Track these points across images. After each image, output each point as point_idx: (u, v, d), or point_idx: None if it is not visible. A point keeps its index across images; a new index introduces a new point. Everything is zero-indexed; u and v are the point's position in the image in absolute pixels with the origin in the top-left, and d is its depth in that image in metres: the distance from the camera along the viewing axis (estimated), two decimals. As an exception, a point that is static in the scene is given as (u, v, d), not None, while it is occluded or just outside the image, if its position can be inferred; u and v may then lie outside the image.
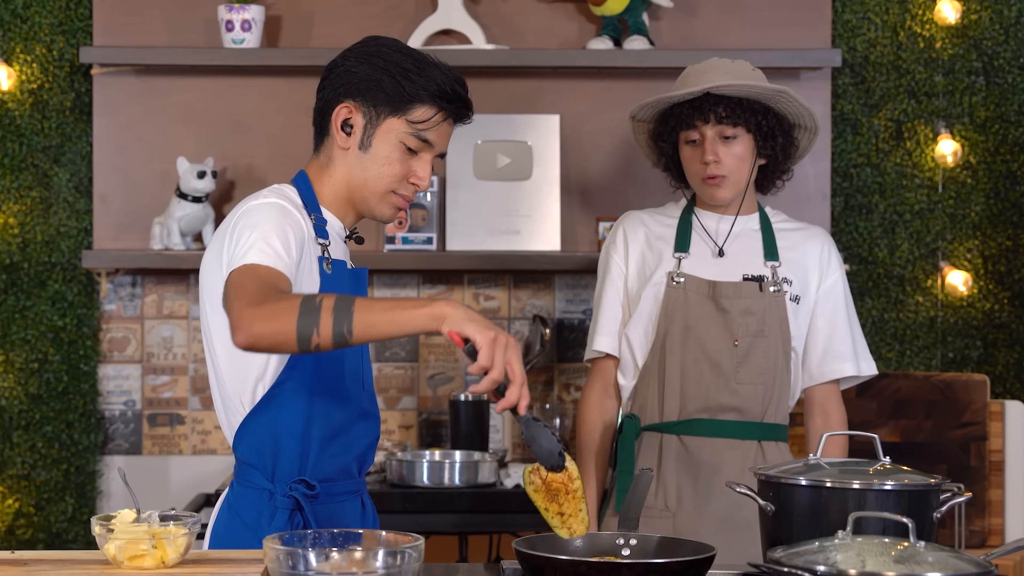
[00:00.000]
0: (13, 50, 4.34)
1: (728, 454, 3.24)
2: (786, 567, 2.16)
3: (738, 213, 3.34)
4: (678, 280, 3.28)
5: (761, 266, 3.31)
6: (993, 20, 4.41)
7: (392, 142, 2.67)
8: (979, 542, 4.16)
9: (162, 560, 2.33)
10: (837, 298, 3.35)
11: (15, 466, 4.35)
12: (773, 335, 3.26)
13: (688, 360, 3.26)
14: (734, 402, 3.24)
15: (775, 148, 3.32)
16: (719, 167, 3.26)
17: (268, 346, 2.38)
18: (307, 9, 4.36)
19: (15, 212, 4.35)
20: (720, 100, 3.26)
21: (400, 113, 2.66)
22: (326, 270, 2.66)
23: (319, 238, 2.68)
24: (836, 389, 3.38)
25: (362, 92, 2.67)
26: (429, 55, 2.72)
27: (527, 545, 2.39)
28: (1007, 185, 4.43)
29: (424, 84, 2.66)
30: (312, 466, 2.67)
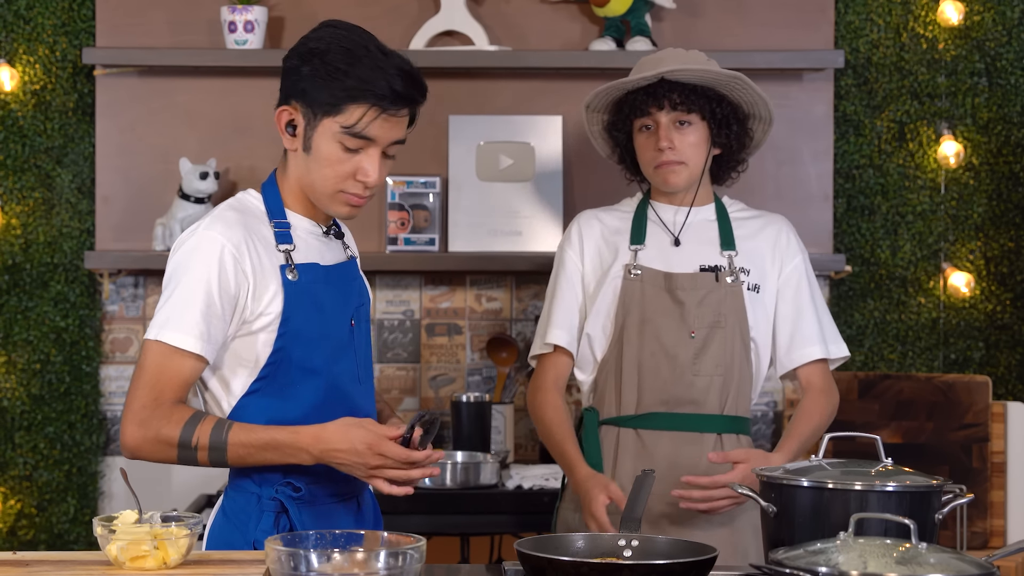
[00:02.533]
0: (16, 51, 4.35)
1: (686, 448, 3.21)
2: (788, 568, 2.16)
3: (692, 204, 3.32)
4: (635, 272, 3.26)
5: (717, 256, 3.28)
6: (996, 21, 4.41)
7: (330, 143, 2.67)
8: (981, 543, 4.16)
9: (164, 561, 2.33)
10: (799, 283, 3.32)
11: (17, 467, 4.35)
12: (730, 326, 3.23)
13: (645, 353, 3.23)
14: (691, 395, 3.22)
15: (729, 137, 3.30)
16: (673, 153, 3.24)
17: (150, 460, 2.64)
18: (310, 10, 4.36)
19: (17, 213, 4.35)
20: (675, 87, 3.24)
21: (332, 114, 2.66)
22: (289, 277, 2.66)
23: (280, 245, 2.69)
24: (821, 368, 3.31)
25: (301, 94, 2.69)
26: (372, 48, 2.69)
27: (529, 546, 2.39)
28: (1009, 186, 4.43)
29: (352, 85, 2.64)
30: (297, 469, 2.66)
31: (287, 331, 2.65)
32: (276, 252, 2.68)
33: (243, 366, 2.67)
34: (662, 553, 2.44)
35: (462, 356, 4.44)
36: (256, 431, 2.58)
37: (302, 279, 2.68)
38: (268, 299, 2.65)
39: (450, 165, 4.34)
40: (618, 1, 4.24)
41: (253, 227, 2.69)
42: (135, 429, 2.57)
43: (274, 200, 2.74)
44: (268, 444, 2.56)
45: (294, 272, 2.67)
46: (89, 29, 4.35)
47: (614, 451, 3.24)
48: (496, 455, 4.04)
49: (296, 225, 2.73)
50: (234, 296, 2.63)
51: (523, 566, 2.37)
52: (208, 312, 2.60)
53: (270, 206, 2.73)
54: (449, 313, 4.44)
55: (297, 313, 2.66)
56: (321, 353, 2.68)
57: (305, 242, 2.73)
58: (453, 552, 4.10)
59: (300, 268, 2.68)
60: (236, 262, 2.63)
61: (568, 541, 2.50)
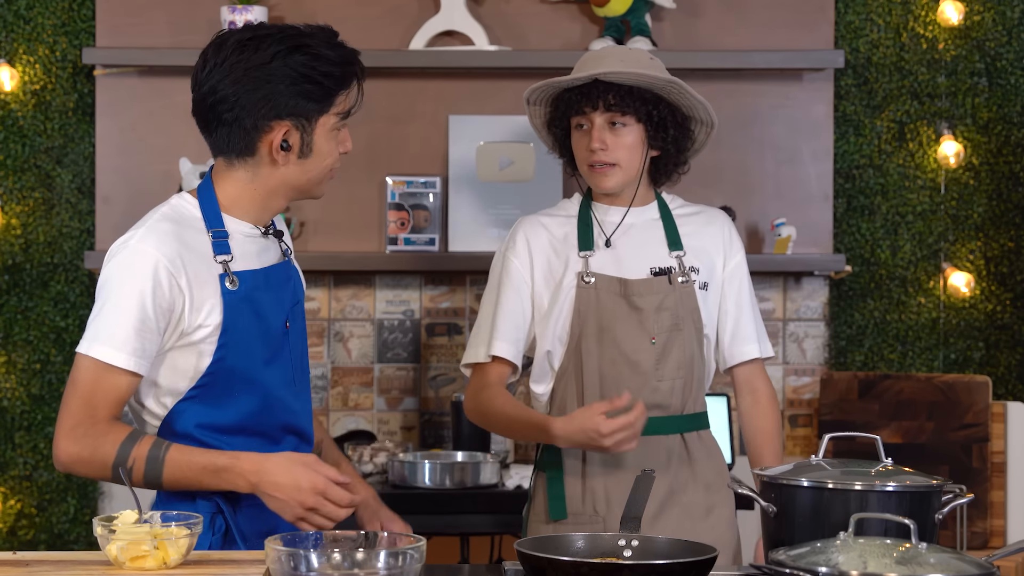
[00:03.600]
0: (16, 51, 4.35)
1: (652, 451, 3.18)
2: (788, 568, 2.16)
3: (632, 204, 3.27)
4: (588, 280, 3.21)
5: (666, 257, 3.24)
6: (996, 21, 4.41)
7: (328, 136, 2.70)
8: (981, 543, 4.16)
9: (164, 561, 2.33)
10: (741, 280, 3.29)
11: (17, 467, 4.36)
12: (687, 327, 3.20)
13: (605, 361, 3.19)
14: (656, 399, 3.18)
15: (666, 140, 3.24)
16: (606, 154, 3.20)
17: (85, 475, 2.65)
18: (310, 10, 4.36)
19: (17, 213, 4.36)
20: (611, 87, 3.19)
21: (327, 110, 2.69)
22: (229, 287, 2.63)
23: (218, 256, 2.65)
24: (759, 367, 3.32)
25: (289, 111, 2.64)
26: (307, 32, 2.72)
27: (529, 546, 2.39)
28: (1009, 186, 4.43)
29: (340, 72, 2.70)
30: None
31: (227, 341, 2.62)
32: (214, 263, 2.64)
33: (181, 375, 2.64)
34: (662, 553, 2.44)
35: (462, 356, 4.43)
36: (194, 453, 2.56)
37: (241, 287, 2.64)
38: (207, 311, 2.62)
39: (450, 165, 4.34)
40: (618, 1, 4.24)
41: (188, 238, 2.64)
42: (69, 445, 2.57)
43: (211, 207, 2.69)
44: (206, 467, 2.55)
45: (233, 281, 2.63)
46: (89, 29, 4.35)
47: (582, 460, 3.21)
48: (496, 455, 4.04)
49: (234, 231, 2.69)
50: (168, 311, 2.59)
51: (523, 566, 2.37)
52: (142, 328, 2.57)
53: (207, 213, 2.68)
54: (449, 313, 4.44)
55: (237, 323, 2.63)
56: (259, 360, 2.66)
57: (242, 247, 2.69)
58: (453, 552, 4.10)
59: (239, 276, 2.64)
60: (171, 277, 2.59)
61: (568, 541, 2.50)
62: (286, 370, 2.73)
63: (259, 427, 2.69)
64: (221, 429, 2.65)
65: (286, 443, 2.72)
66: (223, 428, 2.65)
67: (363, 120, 4.36)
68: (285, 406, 2.72)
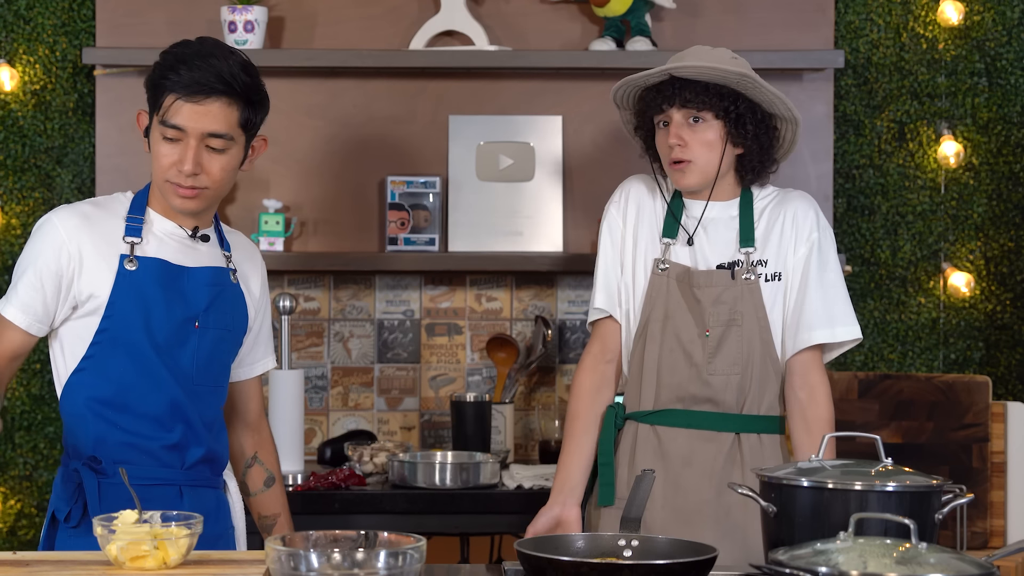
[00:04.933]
0: (16, 51, 4.35)
1: (701, 446, 3.20)
2: (788, 568, 2.16)
3: (711, 199, 3.28)
4: (663, 267, 3.25)
5: (735, 253, 3.26)
6: (996, 21, 4.41)
7: (156, 137, 2.88)
8: (981, 543, 4.15)
9: (164, 561, 2.33)
10: (809, 261, 3.24)
11: (17, 467, 4.35)
12: (748, 324, 3.20)
13: (665, 349, 3.22)
14: (707, 393, 3.20)
15: (747, 136, 3.25)
16: (684, 151, 3.21)
17: None
18: (310, 10, 4.36)
19: (17, 213, 4.35)
20: (687, 84, 3.22)
21: (156, 110, 2.87)
22: (127, 267, 2.84)
23: (127, 237, 2.87)
24: (817, 359, 3.25)
25: (146, 100, 2.90)
26: (193, 43, 2.90)
27: (529, 546, 2.39)
28: (1009, 186, 4.43)
29: (159, 75, 2.86)
30: (105, 447, 2.84)
31: (113, 313, 2.84)
32: (121, 243, 2.87)
33: (75, 346, 2.86)
34: (662, 553, 2.44)
35: (462, 356, 4.44)
36: None
37: (140, 271, 2.85)
38: (99, 284, 2.84)
39: (450, 165, 4.34)
40: (618, 1, 4.24)
41: (100, 219, 2.90)
42: None
43: (139, 200, 2.93)
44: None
45: (133, 263, 2.85)
46: (89, 29, 4.35)
47: (632, 447, 3.24)
48: (496, 455, 4.04)
49: (155, 225, 2.92)
50: (57, 275, 2.84)
51: (523, 566, 2.37)
52: (33, 287, 2.84)
53: (134, 204, 2.92)
54: (449, 313, 4.44)
55: (124, 300, 2.84)
56: (146, 343, 2.85)
57: (160, 240, 2.91)
58: (453, 552, 4.10)
59: (142, 260, 2.86)
60: (64, 244, 2.85)
61: (568, 541, 2.50)
62: (185, 364, 2.90)
63: (146, 408, 2.86)
64: (107, 403, 2.85)
65: (175, 432, 2.88)
66: (109, 402, 2.84)
67: (363, 120, 4.37)
68: (172, 394, 2.88)
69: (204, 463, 2.93)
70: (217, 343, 2.94)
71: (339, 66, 4.27)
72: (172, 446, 2.88)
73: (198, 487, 2.92)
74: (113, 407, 2.86)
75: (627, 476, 3.22)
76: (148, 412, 2.86)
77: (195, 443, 2.90)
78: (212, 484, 2.96)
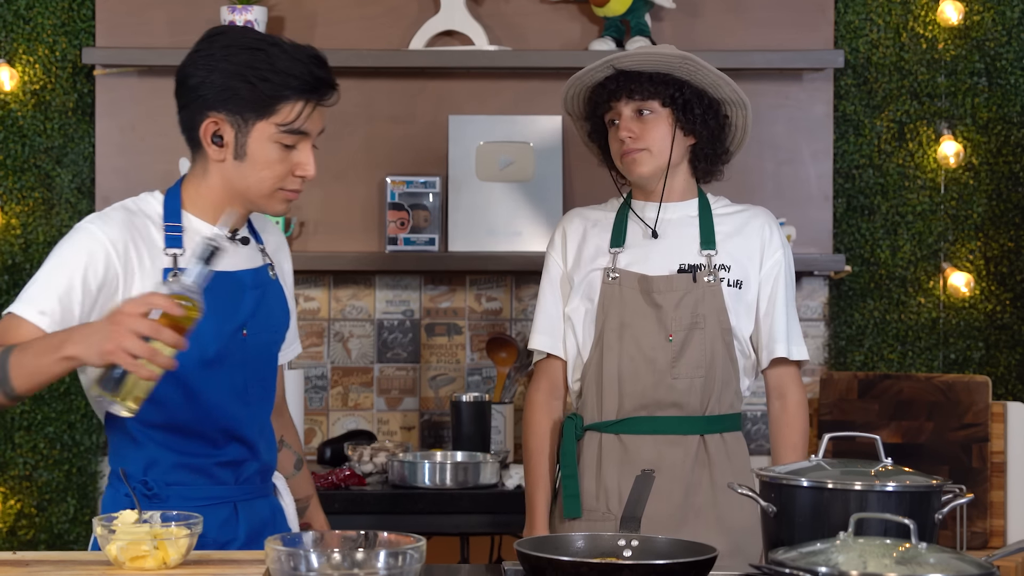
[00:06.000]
0: (16, 51, 4.35)
1: (669, 451, 3.20)
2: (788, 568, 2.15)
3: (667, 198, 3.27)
4: (613, 276, 3.24)
5: (696, 255, 3.25)
6: (996, 21, 4.41)
7: (267, 145, 2.66)
8: (981, 543, 4.16)
9: (163, 561, 2.33)
10: (777, 279, 3.28)
11: (17, 467, 4.35)
12: (710, 326, 3.21)
13: (624, 358, 3.21)
14: (672, 397, 3.20)
15: (695, 123, 3.25)
16: (635, 141, 3.22)
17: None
18: (309, 10, 4.36)
19: (17, 213, 4.36)
20: (632, 77, 3.22)
21: (266, 116, 2.63)
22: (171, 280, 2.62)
23: (168, 249, 2.67)
24: (792, 371, 3.31)
25: (223, 103, 2.64)
26: (279, 41, 2.66)
27: (529, 546, 2.39)
28: (1009, 186, 4.43)
29: (281, 81, 2.62)
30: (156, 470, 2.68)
31: None
32: (163, 255, 2.67)
33: None
34: (662, 553, 2.44)
35: (462, 356, 4.44)
36: (32, 341, 2.51)
37: None
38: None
39: (450, 165, 4.34)
40: (618, 1, 4.24)
41: (140, 228, 2.68)
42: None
43: (173, 204, 2.72)
44: (44, 348, 2.47)
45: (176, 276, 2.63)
46: (89, 29, 4.35)
47: (597, 457, 3.23)
48: (496, 455, 4.04)
49: (195, 230, 2.70)
50: (98, 290, 2.62)
51: (523, 566, 2.37)
52: (66, 298, 2.61)
53: (167, 208, 2.71)
54: (449, 313, 4.44)
55: None
56: (193, 359, 2.60)
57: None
58: (453, 552, 4.10)
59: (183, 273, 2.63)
60: (108, 258, 2.63)
61: (568, 541, 2.50)
62: (236, 377, 2.71)
63: (192, 426, 2.68)
64: (158, 426, 2.66)
65: (229, 449, 2.72)
66: (160, 425, 2.66)
67: (363, 120, 4.37)
68: (225, 411, 2.71)
69: (257, 474, 2.79)
70: (266, 348, 2.79)
71: (339, 66, 4.23)
72: (226, 463, 2.73)
73: (252, 499, 2.78)
74: (164, 430, 2.67)
75: (594, 487, 3.21)
76: (201, 431, 2.69)
77: (249, 456, 2.76)
78: (264, 493, 2.83)
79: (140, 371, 2.35)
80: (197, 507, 2.60)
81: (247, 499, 2.76)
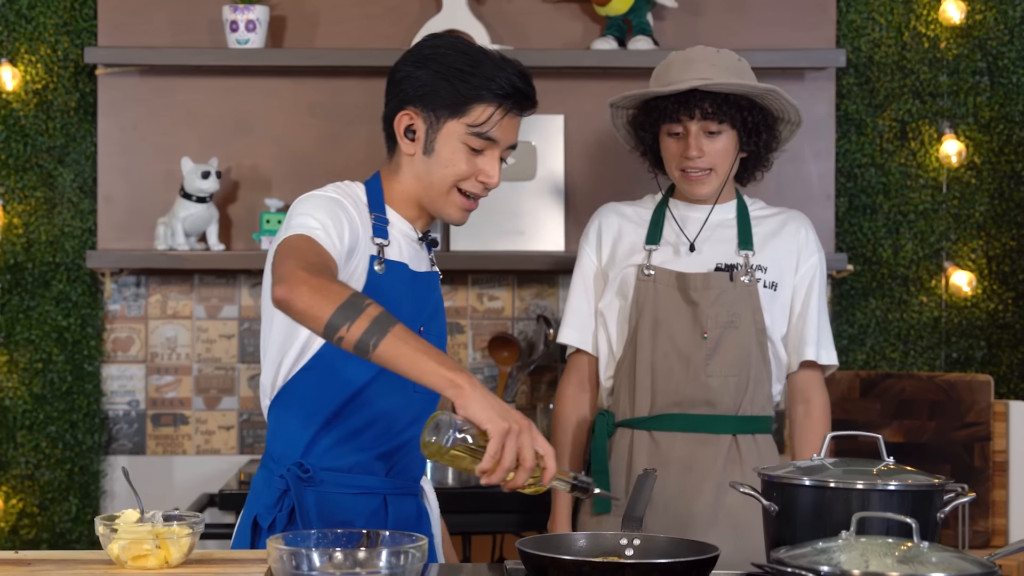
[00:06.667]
0: (18, 50, 4.35)
1: (701, 449, 3.20)
2: (790, 567, 2.15)
3: (715, 203, 3.30)
4: (648, 273, 3.24)
5: (733, 255, 3.27)
6: (998, 20, 4.41)
7: (454, 144, 2.70)
8: (983, 542, 4.16)
9: (166, 560, 2.33)
10: (811, 283, 3.30)
11: (19, 466, 4.36)
12: (745, 325, 3.21)
13: (658, 354, 3.22)
14: (705, 395, 3.21)
15: (758, 144, 3.28)
16: (702, 160, 3.22)
17: (298, 312, 2.38)
18: (312, 9, 4.36)
19: (19, 212, 4.36)
20: (706, 95, 3.21)
21: (458, 115, 2.68)
22: (376, 269, 2.68)
23: (376, 237, 2.71)
24: (818, 376, 3.33)
25: (420, 98, 2.70)
26: (488, 51, 2.71)
27: (531, 545, 2.39)
28: (1011, 185, 4.43)
29: (479, 84, 2.66)
30: (314, 453, 2.69)
31: None
32: (371, 243, 2.70)
33: (311, 342, 2.66)
34: (663, 552, 2.44)
35: (464, 355, 4.44)
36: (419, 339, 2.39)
37: (387, 275, 2.69)
38: (355, 278, 2.65)
39: (452, 164, 4.34)
40: (620, 0, 4.24)
41: (358, 210, 2.70)
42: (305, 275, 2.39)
43: (376, 195, 2.76)
44: (430, 350, 2.35)
45: (382, 265, 2.69)
46: (91, 28, 4.35)
47: (628, 453, 3.24)
48: (498, 454, 4.03)
49: (394, 224, 2.76)
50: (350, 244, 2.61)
51: (525, 565, 2.37)
52: (333, 225, 2.58)
53: (371, 197, 2.75)
54: (451, 312, 4.44)
55: None
56: None
57: (399, 243, 2.75)
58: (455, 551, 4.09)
59: (389, 264, 2.70)
60: (354, 221, 2.64)
61: (570, 540, 2.50)
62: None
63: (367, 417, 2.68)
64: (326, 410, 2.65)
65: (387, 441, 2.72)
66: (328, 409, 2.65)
67: (363, 120, 4.37)
68: (390, 403, 2.72)
69: (408, 471, 2.79)
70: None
71: (341, 65, 4.27)
72: (382, 455, 2.74)
73: (402, 495, 2.79)
74: (332, 414, 2.68)
75: (624, 483, 3.22)
76: (367, 421, 2.70)
77: (402, 452, 2.76)
78: (413, 491, 2.83)
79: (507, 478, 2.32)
80: (348, 495, 2.66)
81: (397, 494, 2.78)
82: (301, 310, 2.37)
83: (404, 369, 2.34)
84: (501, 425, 2.29)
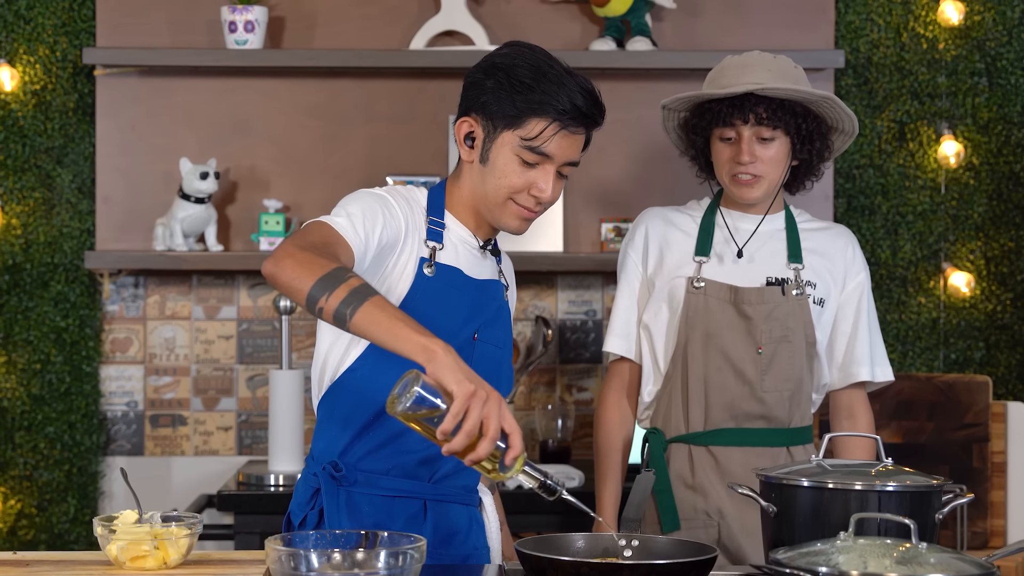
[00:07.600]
0: (16, 51, 4.35)
1: (759, 462, 3.14)
2: (788, 568, 2.15)
3: (758, 213, 3.26)
4: (698, 285, 3.19)
5: (784, 268, 3.22)
6: (996, 21, 4.41)
7: (508, 155, 2.68)
8: (981, 543, 4.16)
9: (164, 561, 2.33)
10: (860, 300, 3.27)
11: (17, 467, 4.35)
12: (797, 340, 3.18)
13: (711, 368, 3.17)
14: (761, 410, 3.17)
15: (811, 152, 3.23)
16: (754, 166, 3.17)
17: (283, 285, 2.39)
18: (310, 10, 4.36)
19: (18, 213, 4.36)
20: (761, 100, 3.16)
21: (513, 127, 2.67)
22: (426, 271, 2.67)
23: (429, 240, 2.70)
24: (862, 393, 3.30)
25: (482, 106, 2.70)
26: (558, 65, 2.69)
27: (529, 546, 2.39)
28: (1010, 186, 4.43)
29: (538, 98, 2.65)
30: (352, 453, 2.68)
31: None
32: (424, 245, 2.70)
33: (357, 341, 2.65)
34: (662, 553, 2.44)
35: (462, 356, 4.43)
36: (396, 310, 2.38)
37: (437, 279, 2.68)
38: (401, 278, 2.66)
39: (450, 165, 4.34)
40: (618, 1, 4.24)
41: (416, 212, 2.72)
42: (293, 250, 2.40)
43: (437, 201, 2.76)
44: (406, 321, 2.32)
45: (432, 268, 2.68)
46: (89, 29, 4.35)
47: (689, 468, 3.19)
48: (496, 455, 4.03)
49: (452, 230, 2.75)
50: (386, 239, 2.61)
51: (523, 566, 2.37)
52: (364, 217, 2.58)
53: (431, 203, 2.75)
54: (449, 313, 4.43)
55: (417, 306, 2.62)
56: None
57: (455, 248, 2.74)
58: (453, 552, 4.09)
59: (441, 268, 2.69)
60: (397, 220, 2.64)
61: (568, 541, 2.49)
62: None
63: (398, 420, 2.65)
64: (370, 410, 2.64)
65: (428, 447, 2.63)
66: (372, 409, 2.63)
67: (364, 120, 4.37)
68: None
69: (455, 478, 2.75)
70: (491, 358, 2.78)
71: (339, 66, 4.27)
72: (426, 459, 2.70)
73: (446, 503, 2.75)
74: (374, 416, 2.66)
75: (690, 497, 3.19)
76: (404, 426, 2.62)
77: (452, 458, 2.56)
78: (463, 500, 2.78)
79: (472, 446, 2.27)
80: (385, 496, 2.65)
81: (439, 500, 2.74)
82: (285, 282, 2.38)
83: (380, 337, 2.32)
84: (468, 387, 2.24)
